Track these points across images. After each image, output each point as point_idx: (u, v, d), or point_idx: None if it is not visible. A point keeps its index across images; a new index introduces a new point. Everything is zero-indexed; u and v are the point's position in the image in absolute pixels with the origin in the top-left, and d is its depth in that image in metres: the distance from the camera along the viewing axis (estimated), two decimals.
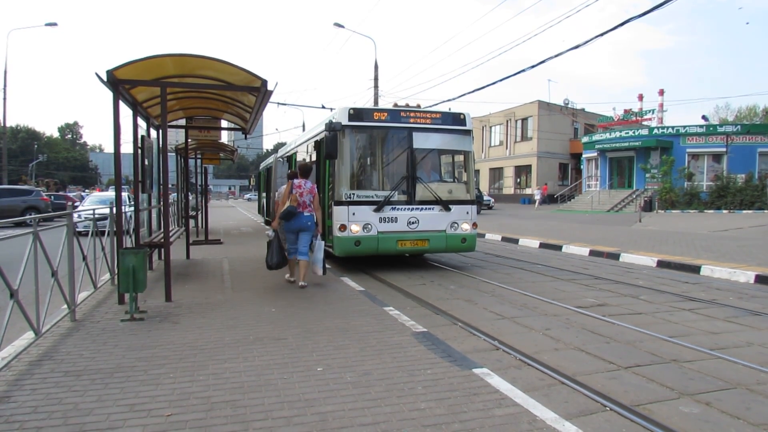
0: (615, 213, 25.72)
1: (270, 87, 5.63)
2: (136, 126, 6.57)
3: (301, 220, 6.31)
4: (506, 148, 38.45)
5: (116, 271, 6.04)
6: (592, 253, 10.42)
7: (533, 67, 13.37)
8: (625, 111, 32.31)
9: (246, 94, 6.63)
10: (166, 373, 3.46)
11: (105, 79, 5.21)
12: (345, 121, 7.71)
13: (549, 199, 33.71)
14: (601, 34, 11.10)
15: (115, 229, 6.09)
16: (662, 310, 5.69)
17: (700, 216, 20.84)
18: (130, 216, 8.01)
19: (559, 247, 11.33)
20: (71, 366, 3.60)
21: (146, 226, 7.30)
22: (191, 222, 13.97)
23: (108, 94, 5.44)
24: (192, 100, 7.68)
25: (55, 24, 27.43)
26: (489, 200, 30.73)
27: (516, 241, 12.89)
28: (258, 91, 5.80)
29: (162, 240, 6.75)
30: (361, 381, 3.32)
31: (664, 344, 4.45)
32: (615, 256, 9.85)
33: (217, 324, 4.66)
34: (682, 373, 3.79)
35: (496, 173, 40.17)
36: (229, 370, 3.51)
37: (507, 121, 38.18)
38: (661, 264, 8.85)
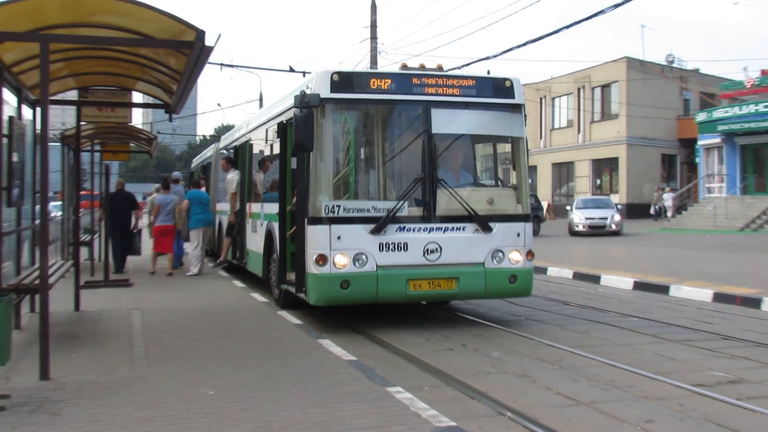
0: (753, 232, 25.65)
1: (209, 41, 5.68)
2: (0, 102, 6.59)
3: None
4: (578, 131, 38.64)
5: None
6: (719, 297, 10.38)
7: (618, 5, 13.46)
8: (764, 72, 32.45)
9: (172, 53, 6.68)
10: None
11: None
12: (326, 92, 7.75)
13: (643, 212, 33.54)
14: None
15: None
16: None
17: None
18: None
19: (664, 288, 11.33)
20: None
21: (13, 258, 7.29)
22: (83, 251, 13.92)
23: None
24: (88, 62, 7.73)
25: None
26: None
27: (596, 279, 12.94)
28: (191, 48, 5.85)
29: (37, 282, 6.70)
30: None
31: None
32: (755, 303, 9.79)
33: (123, 416, 4.60)
34: None
35: (563, 171, 40.25)
36: None
37: (579, 90, 38.43)
38: None
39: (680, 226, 28.90)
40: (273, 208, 9.51)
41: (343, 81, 7.86)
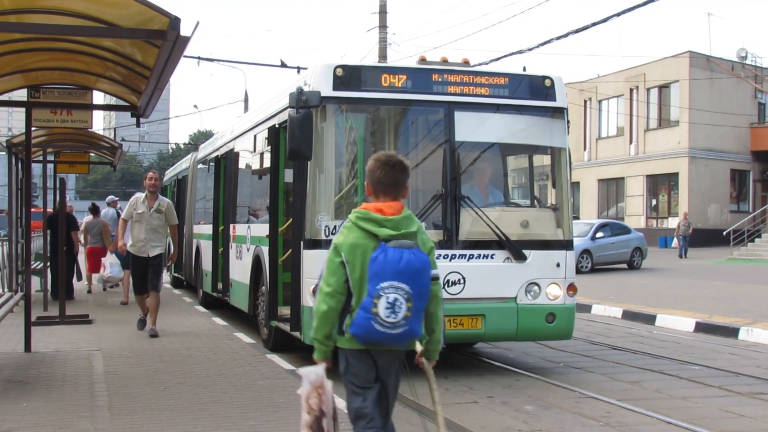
0: None
1: (185, 30, 5.73)
2: None
3: None
4: (630, 141, 38.61)
5: None
6: None
7: None
8: None
9: (141, 45, 6.74)
10: None
11: None
12: (327, 90, 7.84)
13: (708, 238, 33.21)
14: None
15: None
16: None
17: None
18: None
19: (733, 331, 11.33)
20: None
21: None
22: (36, 280, 13.96)
23: None
24: (40, 56, 7.81)
25: None
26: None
27: (651, 319, 12.99)
28: (163, 39, 5.90)
29: None
30: None
31: None
32: None
33: None
34: None
35: (611, 189, 40.12)
36: None
37: (631, 91, 38.43)
38: None
39: (752, 256, 28.75)
40: (262, 229, 9.57)
41: (349, 76, 7.93)
